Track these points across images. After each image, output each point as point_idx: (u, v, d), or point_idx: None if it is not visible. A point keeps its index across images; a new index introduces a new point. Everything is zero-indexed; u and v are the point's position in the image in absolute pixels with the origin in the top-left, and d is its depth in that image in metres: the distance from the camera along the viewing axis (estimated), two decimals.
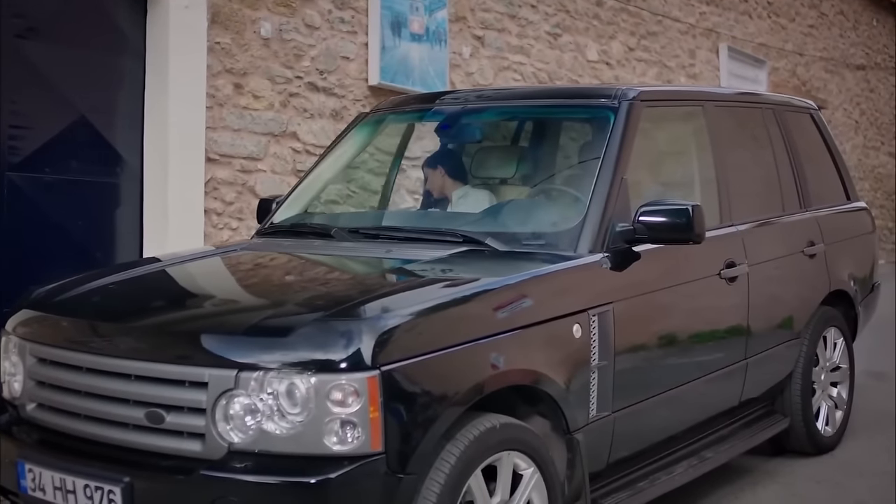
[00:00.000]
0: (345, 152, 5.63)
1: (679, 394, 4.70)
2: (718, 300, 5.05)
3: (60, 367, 3.78)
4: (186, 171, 7.21)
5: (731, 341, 5.13)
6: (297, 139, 7.97)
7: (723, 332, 5.09)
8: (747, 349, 5.22)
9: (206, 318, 3.91)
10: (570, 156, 5.46)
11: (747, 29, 14.44)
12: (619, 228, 4.32)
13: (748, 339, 5.22)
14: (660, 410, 4.58)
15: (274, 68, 7.81)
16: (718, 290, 4.99)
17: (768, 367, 5.46)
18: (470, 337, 3.59)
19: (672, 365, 4.68)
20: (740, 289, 5.12)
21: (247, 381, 3.30)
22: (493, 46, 9.98)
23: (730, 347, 5.13)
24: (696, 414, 5.03)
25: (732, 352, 5.15)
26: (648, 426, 4.57)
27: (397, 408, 3.31)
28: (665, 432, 4.78)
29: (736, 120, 5.60)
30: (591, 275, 4.17)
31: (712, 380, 4.97)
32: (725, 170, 5.22)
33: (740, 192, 5.31)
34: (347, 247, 4.62)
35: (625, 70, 11.85)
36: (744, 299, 5.16)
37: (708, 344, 4.98)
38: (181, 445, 3.40)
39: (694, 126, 5.25)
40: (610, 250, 4.29)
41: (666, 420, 4.73)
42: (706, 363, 4.95)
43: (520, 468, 3.70)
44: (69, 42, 6.88)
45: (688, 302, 4.79)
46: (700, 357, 4.92)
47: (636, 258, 4.38)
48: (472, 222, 4.72)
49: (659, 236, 4.33)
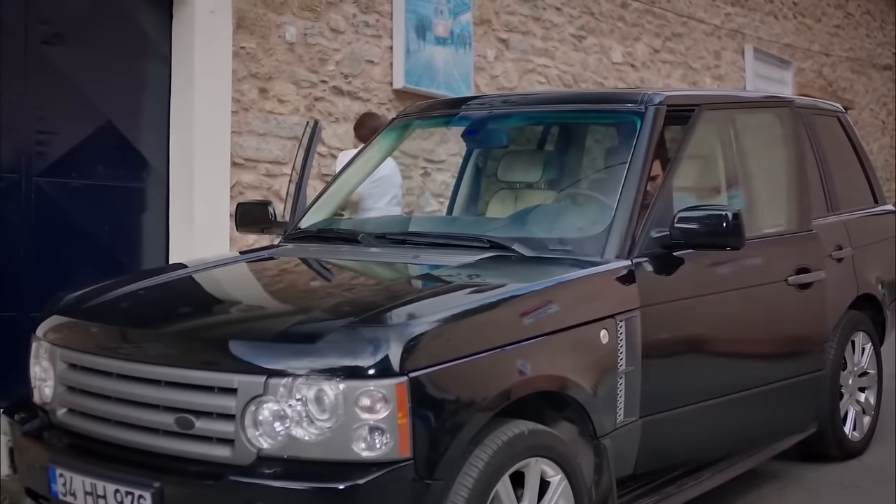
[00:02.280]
0: (371, 157, 5.64)
1: (726, 407, 4.65)
2: (780, 308, 5.07)
3: (91, 373, 3.79)
4: (212, 175, 7.25)
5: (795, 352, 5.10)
6: (322, 143, 7.98)
7: (784, 342, 5.06)
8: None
9: (234, 324, 3.93)
10: (596, 161, 5.46)
11: (773, 30, 14.38)
12: (655, 234, 4.30)
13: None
14: (702, 422, 4.54)
15: (299, 72, 7.84)
16: (781, 297, 5.03)
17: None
18: (497, 343, 3.59)
19: (715, 375, 4.64)
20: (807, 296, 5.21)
21: (276, 387, 3.31)
22: (518, 49, 9.98)
23: (796, 359, 5.08)
24: (750, 431, 5.00)
25: (796, 363, 5.08)
26: (689, 438, 4.52)
27: (425, 414, 3.32)
28: (712, 447, 4.76)
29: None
30: (618, 280, 4.16)
31: (769, 393, 4.91)
32: (751, 175, 5.20)
33: (767, 198, 5.29)
34: (374, 252, 4.63)
35: (650, 72, 11.82)
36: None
37: (764, 355, 4.92)
38: (210, 451, 3.42)
39: (721, 130, 5.24)
40: (645, 255, 4.27)
41: (711, 434, 4.70)
42: (762, 374, 4.90)
43: (547, 475, 3.69)
44: (95, 47, 6.92)
45: (737, 309, 4.77)
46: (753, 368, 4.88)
47: (677, 263, 4.36)
48: (498, 228, 4.72)
49: (696, 242, 4.28)
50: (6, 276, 5.33)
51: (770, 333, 5.06)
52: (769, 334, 5.05)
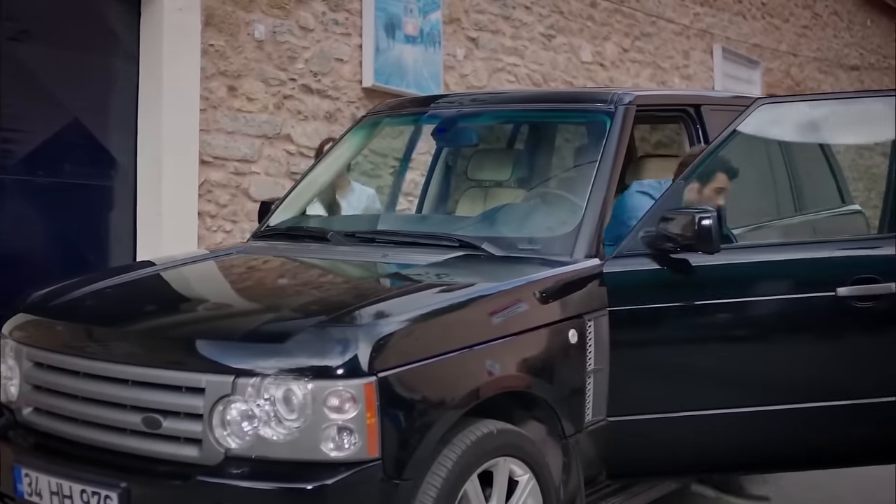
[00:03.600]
0: (340, 155, 5.63)
1: (705, 421, 4.34)
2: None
3: (57, 372, 3.77)
4: (180, 173, 7.20)
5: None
6: (291, 141, 7.96)
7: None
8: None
9: (202, 322, 3.91)
10: (566, 160, 5.48)
11: (741, 30, 14.44)
12: (642, 234, 4.28)
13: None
14: (680, 431, 4.33)
15: (268, 70, 7.80)
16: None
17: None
18: (466, 343, 3.59)
19: (694, 385, 4.38)
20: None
21: (244, 386, 3.30)
22: (488, 48, 9.98)
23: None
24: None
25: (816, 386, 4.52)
26: (666, 445, 4.35)
27: (394, 414, 3.32)
28: (694, 460, 4.51)
29: None
30: (587, 280, 4.16)
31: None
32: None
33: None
34: (343, 251, 4.62)
35: (619, 71, 11.85)
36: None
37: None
38: (178, 451, 3.40)
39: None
40: (626, 255, 4.26)
41: (690, 445, 4.41)
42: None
43: (516, 474, 3.70)
44: (62, 44, 6.86)
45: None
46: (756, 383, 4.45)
47: (661, 264, 4.30)
48: (468, 227, 4.72)
49: (672, 243, 4.22)
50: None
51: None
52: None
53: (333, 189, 6.09)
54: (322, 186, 5.66)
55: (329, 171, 5.63)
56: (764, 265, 4.50)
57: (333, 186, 6.06)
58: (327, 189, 5.93)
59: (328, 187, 5.91)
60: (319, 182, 5.56)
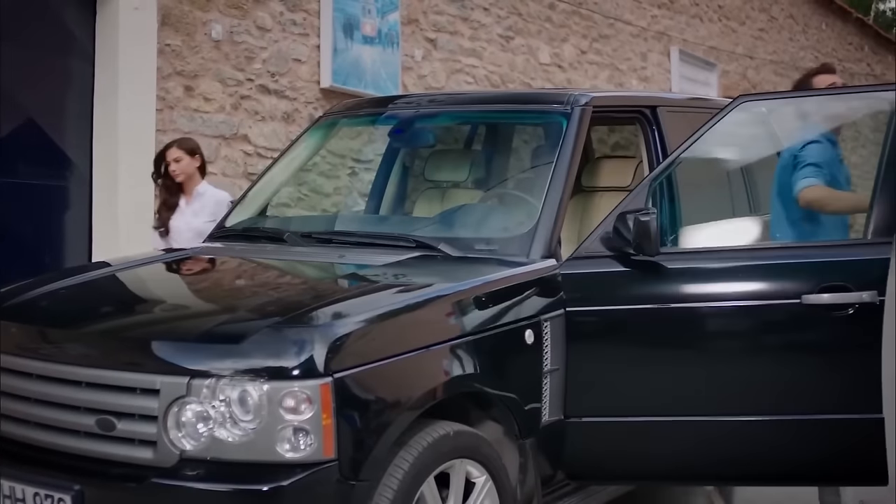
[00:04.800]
0: (297, 156, 5.61)
1: (678, 428, 4.23)
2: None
3: (9, 374, 3.73)
4: (136, 174, 7.16)
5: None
6: (248, 142, 7.94)
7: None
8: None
9: (157, 324, 3.90)
10: (523, 161, 5.48)
11: (698, 32, 14.54)
12: (601, 234, 4.21)
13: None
14: (644, 437, 4.24)
15: (225, 70, 7.78)
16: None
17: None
18: (423, 343, 3.59)
19: (657, 391, 4.24)
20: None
21: (199, 388, 3.28)
22: (446, 49, 10.00)
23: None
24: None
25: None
26: (627, 450, 4.27)
27: (350, 414, 3.31)
28: (659, 467, 4.38)
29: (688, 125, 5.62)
30: (543, 281, 4.16)
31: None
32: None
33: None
34: (300, 251, 4.61)
35: (577, 73, 11.90)
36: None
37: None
38: (132, 453, 3.38)
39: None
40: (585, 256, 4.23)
41: (654, 452, 4.29)
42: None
43: (472, 476, 3.70)
44: (17, 44, 6.81)
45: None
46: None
47: (627, 266, 4.19)
48: (425, 227, 4.72)
49: (618, 245, 4.15)
50: None
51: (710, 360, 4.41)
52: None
53: (179, 192, 6.24)
54: (276, 187, 5.61)
55: (284, 172, 5.60)
56: (723, 271, 4.35)
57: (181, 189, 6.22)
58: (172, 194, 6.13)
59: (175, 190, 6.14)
60: (276, 182, 5.54)
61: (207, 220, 5.98)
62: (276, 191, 5.56)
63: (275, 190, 5.51)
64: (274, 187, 5.50)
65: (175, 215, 6.32)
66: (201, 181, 6.40)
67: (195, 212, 6.26)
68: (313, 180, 7.65)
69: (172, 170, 6.30)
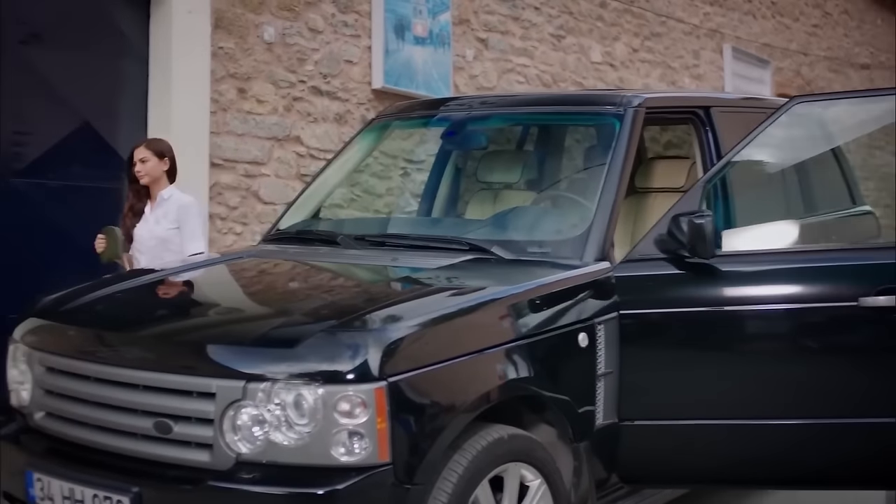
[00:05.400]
0: (350, 158, 5.64)
1: (732, 431, 4.22)
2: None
3: (68, 377, 3.78)
4: (190, 176, 7.19)
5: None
6: (300, 143, 7.97)
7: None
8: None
9: (212, 327, 3.93)
10: (575, 162, 5.47)
11: (751, 29, 14.41)
12: (655, 236, 4.22)
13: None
14: (697, 439, 4.24)
15: (277, 73, 7.81)
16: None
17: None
18: (476, 347, 3.60)
19: (711, 394, 4.24)
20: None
21: (254, 391, 3.30)
22: (497, 49, 9.98)
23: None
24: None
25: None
26: (681, 452, 4.28)
27: (404, 418, 3.32)
28: (711, 469, 4.37)
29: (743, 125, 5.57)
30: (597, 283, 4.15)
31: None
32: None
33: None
34: (353, 254, 4.62)
35: (629, 71, 11.83)
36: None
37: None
38: (189, 456, 3.41)
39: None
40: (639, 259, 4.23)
41: (708, 454, 4.30)
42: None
43: (526, 479, 3.70)
44: (72, 47, 6.88)
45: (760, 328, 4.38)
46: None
47: (680, 269, 4.21)
48: (477, 230, 4.73)
49: (673, 247, 4.15)
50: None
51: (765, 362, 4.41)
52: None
53: (147, 197, 5.86)
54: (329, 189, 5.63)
55: (337, 174, 5.63)
56: (779, 273, 4.34)
57: (148, 194, 5.87)
58: (140, 199, 5.85)
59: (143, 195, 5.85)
60: (329, 185, 5.56)
61: (170, 227, 5.70)
62: (329, 193, 5.58)
63: (328, 192, 5.54)
64: (327, 190, 5.53)
65: (140, 223, 5.86)
66: (168, 186, 5.87)
67: (157, 218, 5.80)
68: (365, 181, 7.68)
69: (137, 170, 5.81)
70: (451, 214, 5.75)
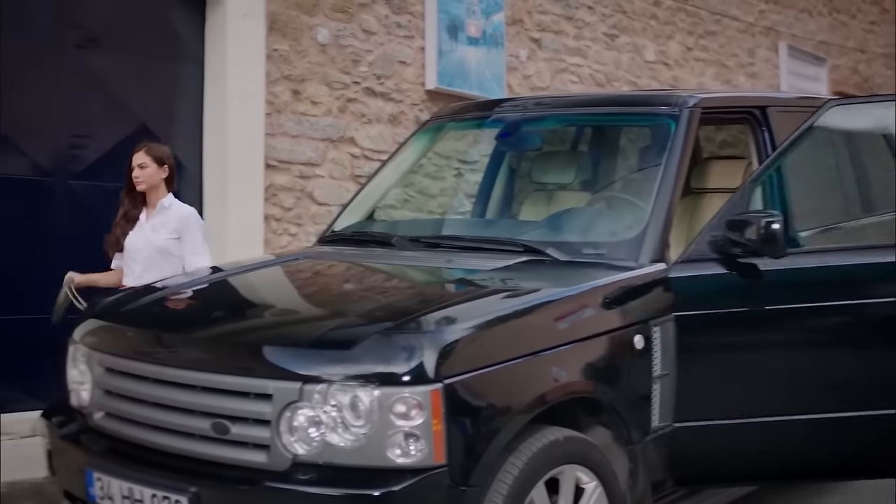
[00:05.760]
0: (404, 160, 5.65)
1: (777, 427, 4.29)
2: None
3: (127, 377, 3.82)
4: (246, 177, 7.27)
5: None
6: (355, 144, 8.01)
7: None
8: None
9: (269, 328, 3.95)
10: (630, 163, 5.43)
11: (807, 26, 14.28)
12: (709, 238, 4.24)
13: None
14: (749, 437, 4.27)
15: (331, 74, 7.85)
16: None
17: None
18: (532, 349, 3.59)
19: (763, 392, 4.29)
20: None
21: (311, 393, 3.32)
22: (551, 49, 9.96)
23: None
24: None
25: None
26: (734, 451, 4.29)
27: (460, 420, 3.32)
28: (763, 466, 4.41)
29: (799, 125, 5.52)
30: (653, 285, 4.13)
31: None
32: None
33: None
34: (408, 256, 4.63)
35: (683, 70, 11.76)
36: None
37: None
38: (246, 456, 3.43)
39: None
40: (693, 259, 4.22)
41: (761, 451, 4.34)
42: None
43: (582, 482, 3.68)
44: (129, 51, 6.96)
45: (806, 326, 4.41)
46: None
47: (726, 268, 4.24)
48: (532, 231, 4.72)
49: (738, 248, 4.17)
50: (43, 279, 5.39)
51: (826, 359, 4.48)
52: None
53: (143, 204, 5.61)
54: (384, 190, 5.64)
55: (392, 175, 5.64)
56: (834, 269, 4.39)
57: (145, 201, 5.61)
58: (136, 206, 5.59)
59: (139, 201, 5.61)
60: (383, 186, 5.57)
61: (170, 237, 5.48)
62: (384, 195, 5.59)
63: (382, 194, 5.55)
64: (381, 191, 5.55)
65: (133, 230, 5.59)
66: (167, 194, 5.64)
67: (155, 227, 5.55)
68: (419, 182, 7.69)
69: (135, 176, 5.55)
70: (505, 216, 5.74)
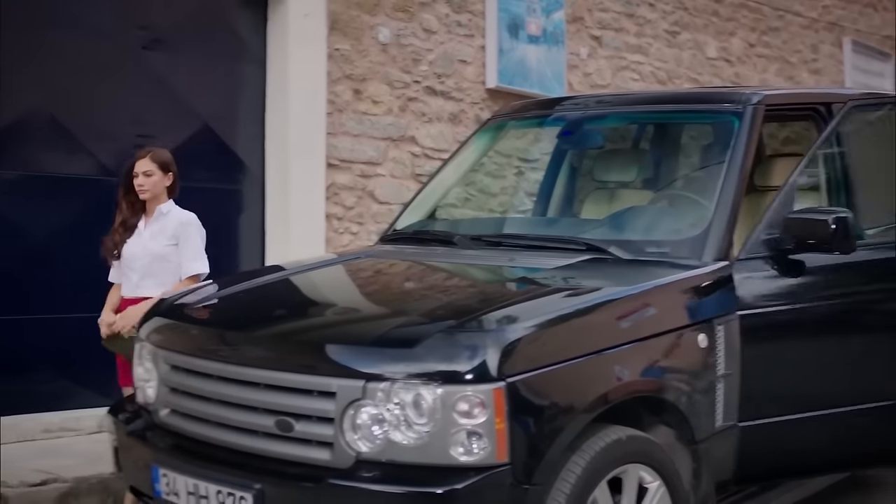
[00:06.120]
0: (466, 158, 5.65)
1: (837, 420, 4.37)
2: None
3: (191, 375, 3.85)
4: (307, 176, 7.31)
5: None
6: (415, 143, 8.02)
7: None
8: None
9: (332, 327, 3.97)
10: (692, 161, 5.40)
11: (872, 21, 14.09)
12: (765, 236, 4.24)
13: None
14: (810, 432, 4.33)
15: (392, 73, 7.88)
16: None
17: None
18: (594, 347, 3.57)
19: (823, 386, 4.38)
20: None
21: (374, 391, 3.33)
22: (611, 46, 9.92)
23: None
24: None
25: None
26: (794, 446, 4.34)
27: (523, 419, 3.31)
28: (822, 459, 4.53)
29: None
30: (716, 283, 4.10)
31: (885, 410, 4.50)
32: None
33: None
34: (470, 254, 4.63)
35: (745, 67, 11.66)
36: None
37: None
38: (310, 454, 3.45)
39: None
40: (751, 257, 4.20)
41: (821, 446, 4.44)
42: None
43: (645, 481, 3.67)
44: (192, 51, 7.03)
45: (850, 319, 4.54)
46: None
47: (787, 266, 4.27)
48: (594, 230, 4.70)
49: (802, 245, 4.18)
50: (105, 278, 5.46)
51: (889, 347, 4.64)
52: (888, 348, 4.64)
53: (142, 212, 5.33)
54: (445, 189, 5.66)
55: (453, 174, 5.64)
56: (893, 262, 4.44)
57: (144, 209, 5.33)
58: (135, 213, 5.32)
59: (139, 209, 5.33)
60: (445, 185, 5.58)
61: (168, 244, 5.22)
62: (445, 193, 5.60)
63: (444, 192, 5.56)
64: (443, 190, 5.55)
65: (132, 238, 5.29)
66: (167, 201, 5.35)
67: (153, 234, 5.27)
68: (480, 180, 7.69)
69: (140, 184, 5.24)
70: (566, 214, 5.73)
